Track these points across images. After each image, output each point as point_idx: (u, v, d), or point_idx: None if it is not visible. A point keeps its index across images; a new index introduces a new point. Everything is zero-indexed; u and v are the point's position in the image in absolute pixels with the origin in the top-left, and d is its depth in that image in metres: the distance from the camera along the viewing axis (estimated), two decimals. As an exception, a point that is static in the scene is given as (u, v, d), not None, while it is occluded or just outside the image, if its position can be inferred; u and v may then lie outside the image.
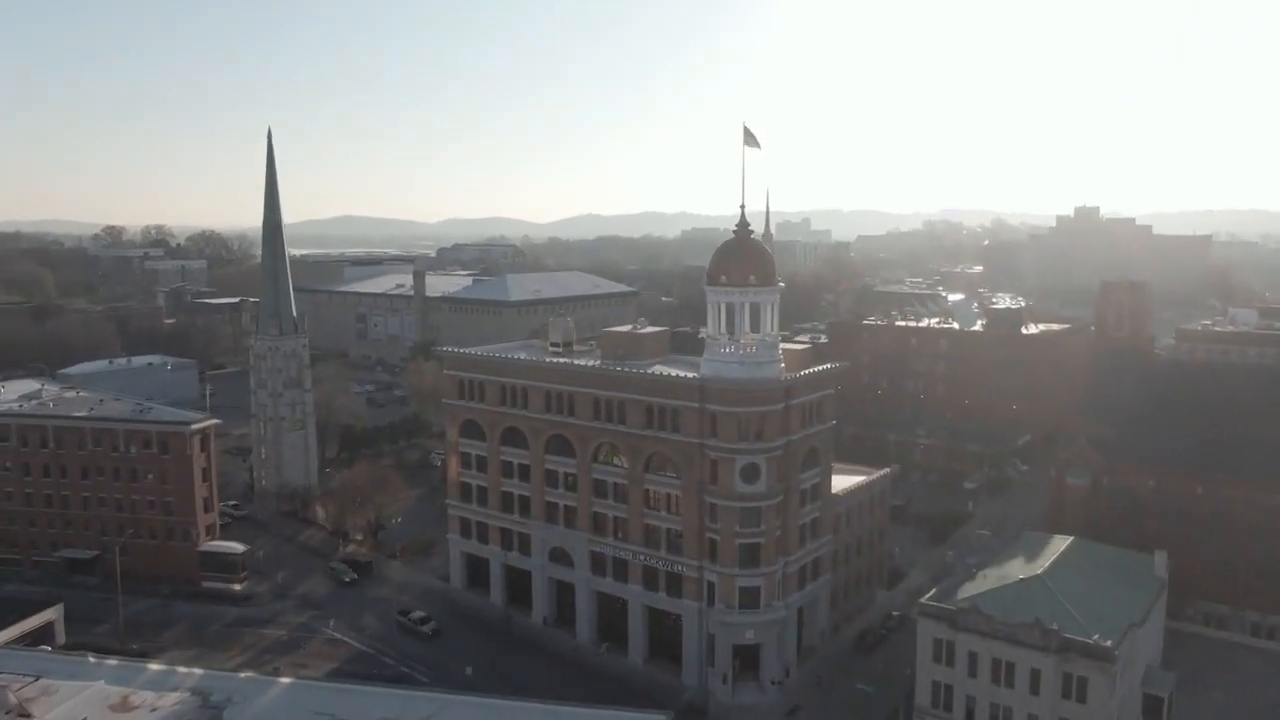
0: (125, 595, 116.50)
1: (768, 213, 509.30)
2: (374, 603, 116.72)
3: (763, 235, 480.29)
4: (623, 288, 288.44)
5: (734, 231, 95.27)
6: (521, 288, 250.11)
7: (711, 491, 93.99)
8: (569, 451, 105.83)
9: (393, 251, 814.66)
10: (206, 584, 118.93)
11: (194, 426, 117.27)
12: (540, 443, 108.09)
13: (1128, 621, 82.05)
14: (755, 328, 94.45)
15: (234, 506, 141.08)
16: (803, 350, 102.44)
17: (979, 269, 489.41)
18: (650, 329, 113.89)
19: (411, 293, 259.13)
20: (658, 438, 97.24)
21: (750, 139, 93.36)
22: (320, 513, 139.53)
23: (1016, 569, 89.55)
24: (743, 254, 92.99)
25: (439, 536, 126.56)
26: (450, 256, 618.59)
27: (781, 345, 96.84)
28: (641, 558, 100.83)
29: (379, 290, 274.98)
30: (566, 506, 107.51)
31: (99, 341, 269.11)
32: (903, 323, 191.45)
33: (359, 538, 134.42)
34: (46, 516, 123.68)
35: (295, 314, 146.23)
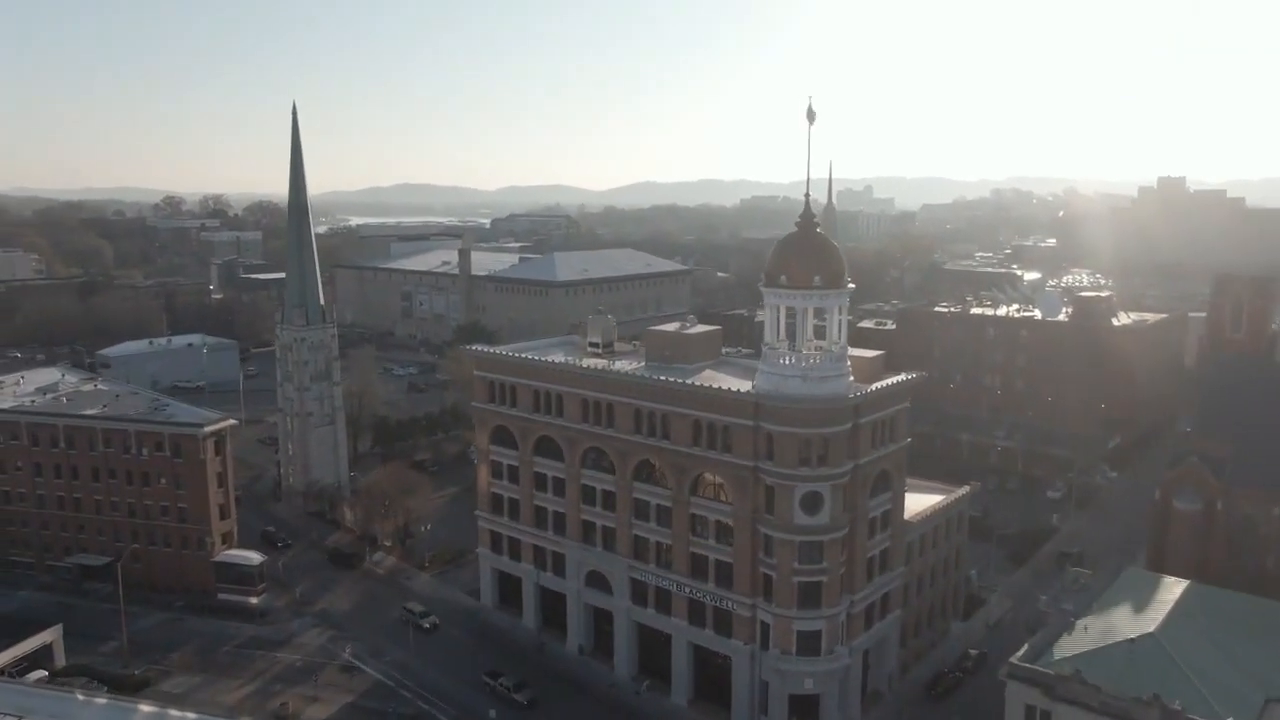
0: (138, 606, 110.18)
1: (830, 182, 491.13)
2: (401, 623, 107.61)
3: (824, 209, 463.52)
4: (676, 266, 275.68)
5: (796, 224, 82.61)
6: (569, 267, 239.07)
7: (767, 522, 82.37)
8: (607, 466, 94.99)
9: (447, 221, 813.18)
10: (222, 596, 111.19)
11: (208, 429, 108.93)
12: (576, 455, 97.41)
13: (1264, 695, 68.88)
14: (820, 335, 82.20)
15: (272, 534, 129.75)
16: (873, 358, 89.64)
17: (1052, 242, 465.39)
18: (700, 328, 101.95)
19: (457, 271, 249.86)
20: (706, 457, 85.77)
21: (813, 116, 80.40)
22: (348, 515, 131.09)
23: (1123, 622, 76.63)
24: (806, 250, 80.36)
25: (472, 544, 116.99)
26: (504, 227, 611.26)
27: (850, 351, 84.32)
28: (687, 590, 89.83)
29: (424, 268, 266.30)
30: (604, 527, 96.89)
31: (144, 318, 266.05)
32: (978, 309, 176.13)
33: (387, 543, 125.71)
34: (59, 519, 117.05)
35: (323, 302, 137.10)
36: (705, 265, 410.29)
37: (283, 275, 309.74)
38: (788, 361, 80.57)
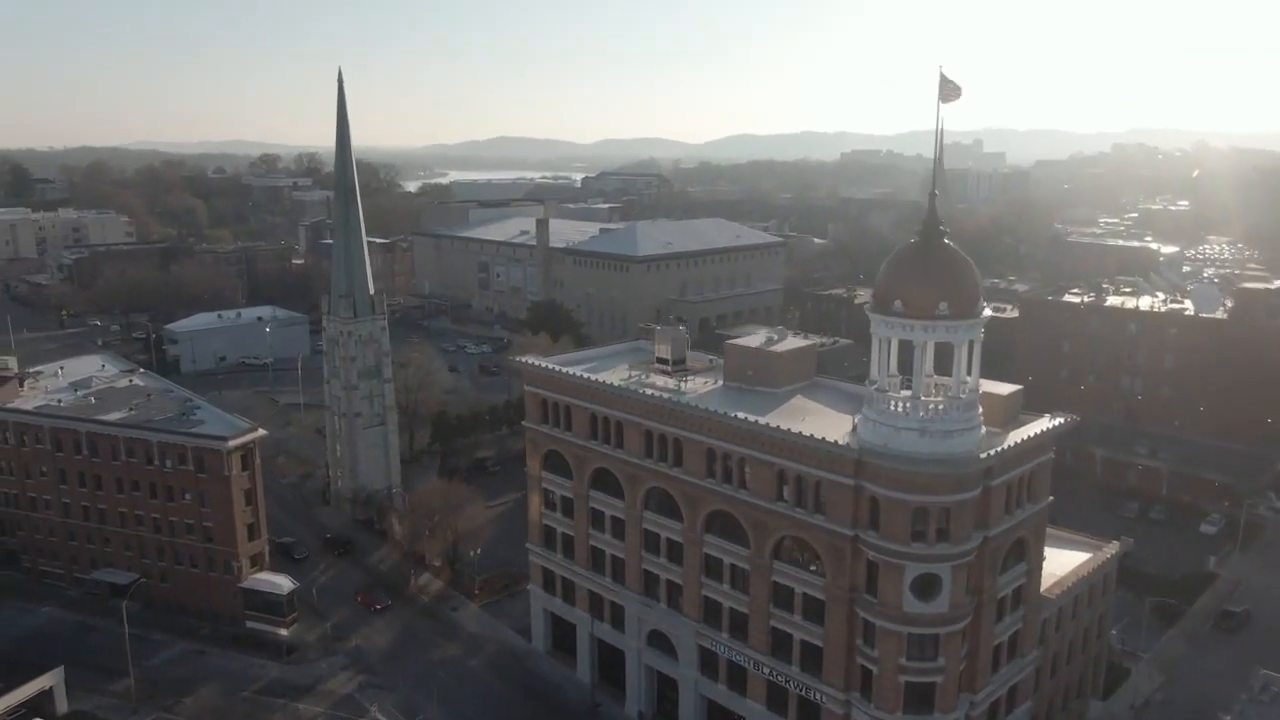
0: (161, 633, 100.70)
1: (939, 137, 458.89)
2: (441, 664, 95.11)
3: (933, 169, 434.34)
4: (768, 238, 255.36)
5: (917, 233, 64.45)
6: (652, 240, 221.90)
7: (868, 605, 65.78)
8: (674, 512, 79.47)
9: (540, 178, 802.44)
10: (251, 624, 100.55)
11: (232, 443, 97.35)
12: (637, 494, 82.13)
13: None
14: (940, 370, 64.57)
15: (289, 545, 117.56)
16: (1008, 395, 71.28)
17: (1184, 205, 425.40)
18: (791, 343, 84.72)
19: (535, 242, 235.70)
20: (792, 517, 69.33)
21: (948, 90, 61.67)
22: (396, 527, 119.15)
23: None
24: (930, 269, 62.29)
25: (529, 566, 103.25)
26: (594, 187, 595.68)
27: (983, 386, 66.19)
28: (765, 670, 74.15)
29: (502, 237, 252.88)
30: (669, 581, 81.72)
31: (222, 286, 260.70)
32: (1116, 298, 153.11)
33: (436, 563, 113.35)
34: (85, 531, 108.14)
35: (373, 291, 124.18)
36: (801, 229, 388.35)
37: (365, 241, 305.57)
38: (901, 408, 63.11)
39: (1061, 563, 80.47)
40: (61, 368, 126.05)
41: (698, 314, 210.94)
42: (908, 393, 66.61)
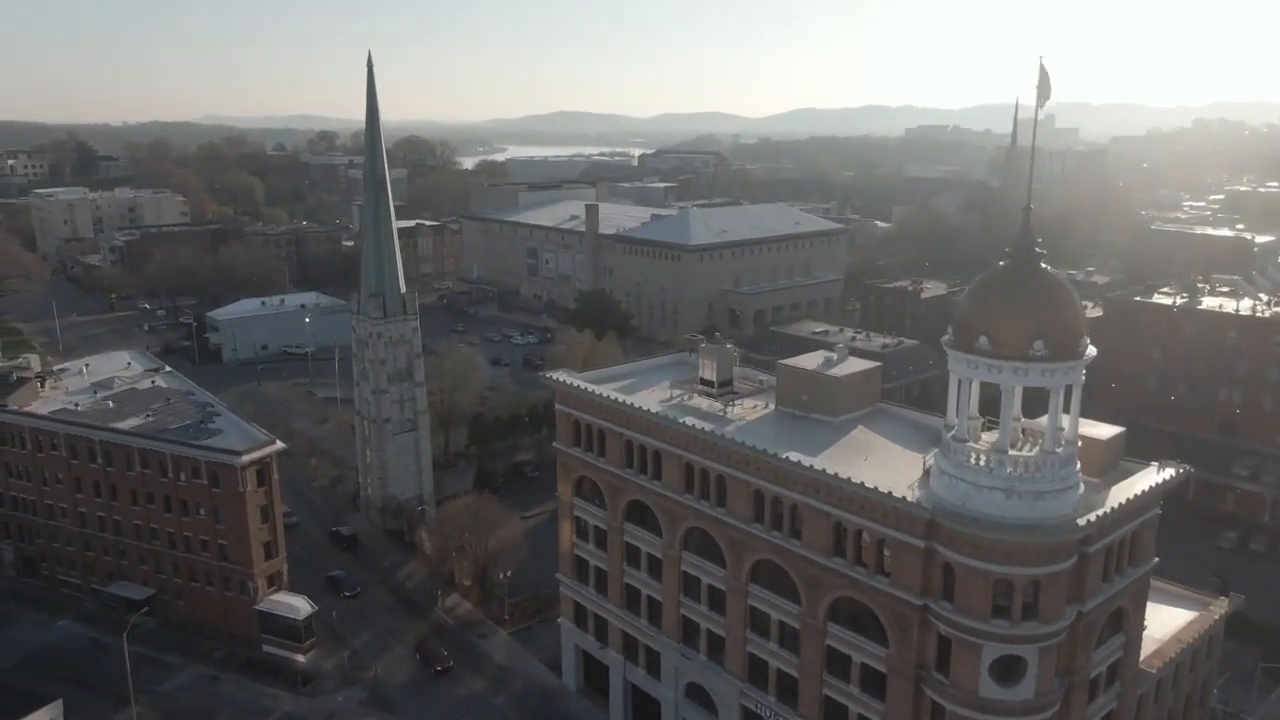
0: (175, 655, 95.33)
1: (1016, 114, 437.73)
2: (465, 701, 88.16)
3: (1007, 152, 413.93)
4: (829, 224, 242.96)
5: (1008, 253, 54.23)
6: (705, 227, 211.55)
7: (937, 685, 56.50)
8: (717, 556, 70.81)
9: (597, 155, 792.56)
10: (267, 649, 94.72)
11: (246, 458, 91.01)
12: (676, 533, 73.63)
13: None
14: (1033, 410, 54.70)
15: (339, 580, 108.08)
16: (1109, 439, 61.00)
17: (1274, 186, 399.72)
18: (852, 366, 74.94)
19: (584, 228, 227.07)
20: (851, 577, 60.19)
21: (1044, 87, 51.18)
22: (425, 540, 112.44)
23: None
24: (1023, 298, 52.09)
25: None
26: (651, 165, 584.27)
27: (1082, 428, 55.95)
28: (817, 742, 65.38)
29: (551, 222, 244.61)
30: (710, 632, 73.23)
31: (270, 270, 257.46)
32: (1211, 301, 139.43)
33: (466, 582, 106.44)
34: (101, 542, 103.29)
35: (403, 289, 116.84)
36: (863, 211, 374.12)
37: (413, 224, 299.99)
38: (983, 462, 53.38)
39: (1161, 622, 70.03)
40: (86, 365, 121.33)
41: (752, 306, 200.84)
42: (991, 435, 57.14)
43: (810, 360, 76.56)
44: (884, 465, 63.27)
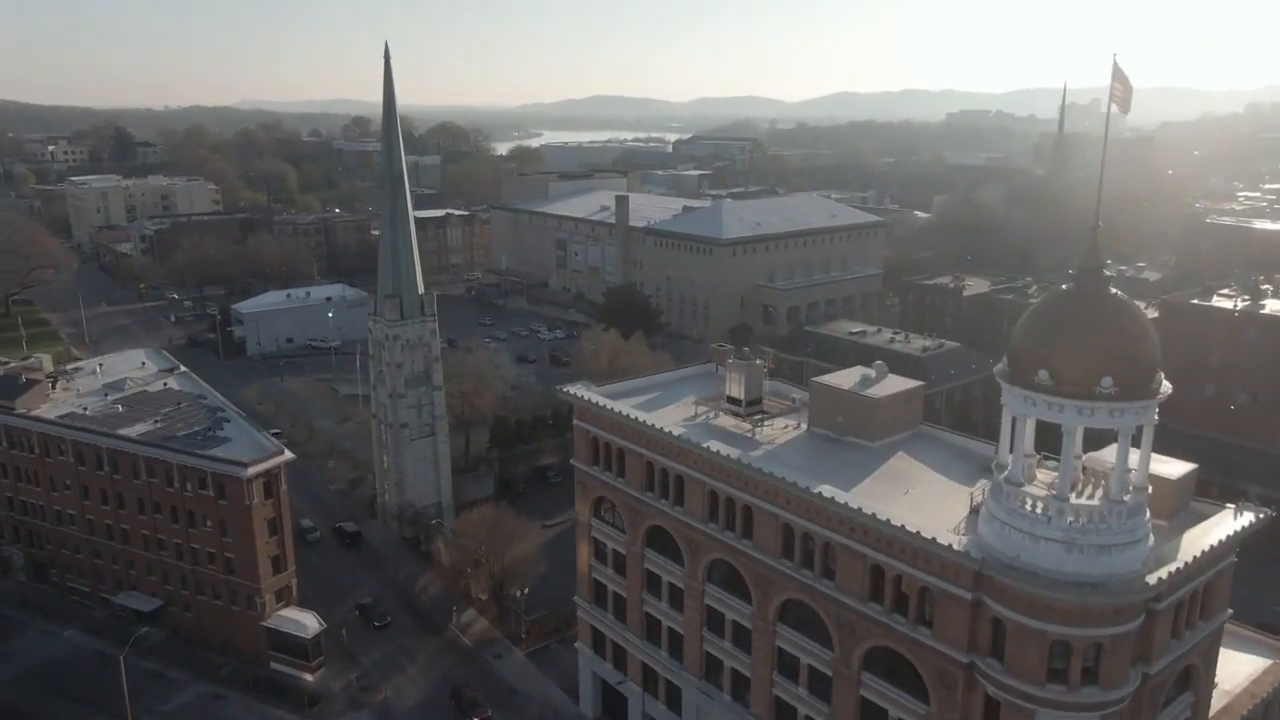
0: (182, 670, 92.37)
1: (1064, 100, 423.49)
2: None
3: (1055, 139, 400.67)
4: (867, 217, 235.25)
5: (1073, 276, 48.21)
6: (738, 220, 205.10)
7: (984, 751, 51.03)
8: (742, 591, 65.69)
9: (632, 140, 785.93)
10: (275, 666, 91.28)
11: (252, 470, 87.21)
12: (699, 564, 68.59)
13: None
14: (1093, 443, 48.94)
15: (369, 608, 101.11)
16: (1179, 479, 54.92)
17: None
18: (892, 385, 69.22)
19: (614, 219, 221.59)
20: (889, 626, 54.79)
21: (1121, 89, 45.00)
22: (443, 551, 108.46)
23: None
24: (1090, 330, 46.02)
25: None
26: (685, 151, 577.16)
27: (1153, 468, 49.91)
28: (850, 800, 60.17)
29: (581, 213, 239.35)
30: (735, 671, 68.18)
31: (298, 260, 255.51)
32: (1275, 303, 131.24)
33: (483, 597, 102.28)
34: (109, 550, 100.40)
35: (422, 290, 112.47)
36: (903, 201, 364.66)
37: (443, 214, 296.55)
38: (1040, 510, 47.66)
39: (1231, 671, 63.60)
40: (100, 364, 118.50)
41: (786, 302, 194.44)
42: (1047, 472, 51.50)
43: (846, 378, 70.94)
44: (926, 500, 57.89)
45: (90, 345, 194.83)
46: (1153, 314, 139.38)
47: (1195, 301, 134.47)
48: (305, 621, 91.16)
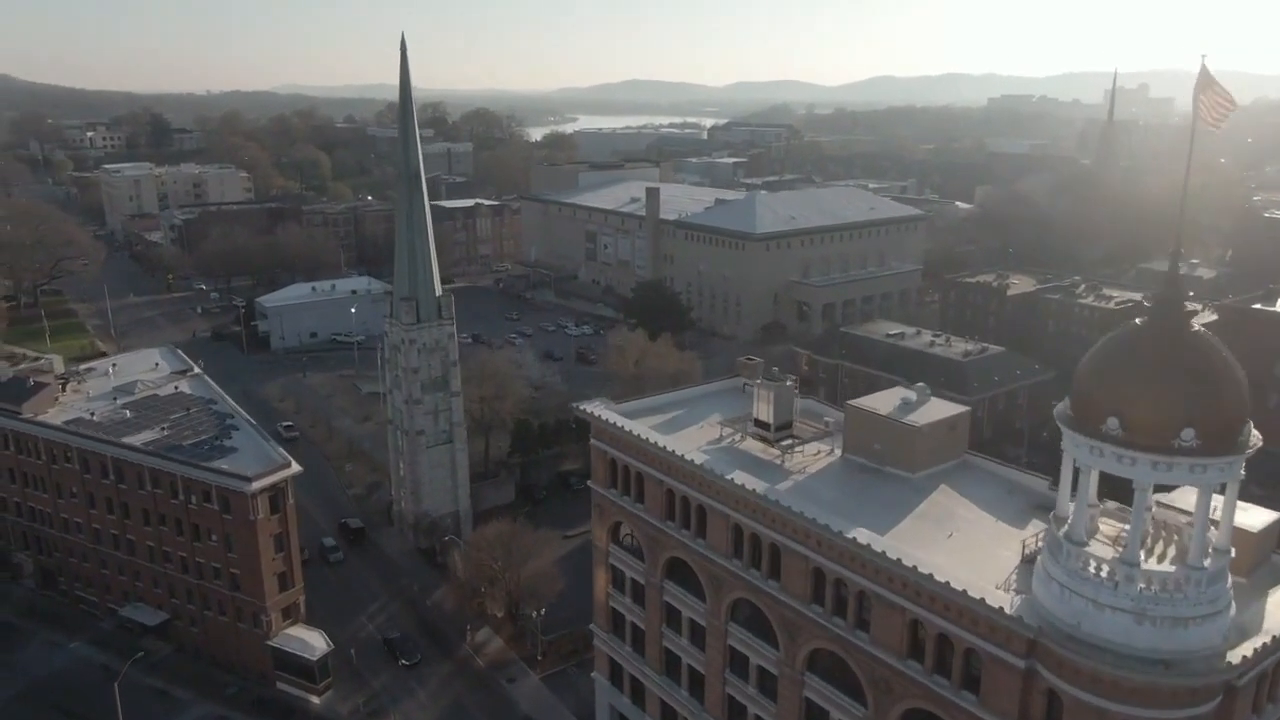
0: (187, 688, 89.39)
1: (1114, 85, 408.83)
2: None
3: (1103, 126, 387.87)
4: (907, 210, 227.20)
5: (1145, 304, 42.47)
6: (772, 213, 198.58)
7: (1035, 836, 45.54)
8: (768, 634, 60.55)
9: (667, 127, 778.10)
10: (281, 686, 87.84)
11: (256, 485, 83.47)
12: (722, 601, 63.51)
13: None
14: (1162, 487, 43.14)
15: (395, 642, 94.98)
16: (1262, 531, 48.87)
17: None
18: (936, 411, 63.35)
19: (644, 212, 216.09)
20: (929, 688, 49.42)
21: (1217, 103, 38.86)
22: (459, 564, 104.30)
23: None
24: (1169, 374, 40.03)
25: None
26: (721, 139, 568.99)
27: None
28: None
29: (611, 205, 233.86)
30: (759, 719, 63.14)
31: (326, 250, 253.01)
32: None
33: (498, 614, 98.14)
34: (115, 561, 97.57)
35: (439, 292, 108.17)
36: (943, 191, 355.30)
37: (472, 204, 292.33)
38: (1105, 573, 41.96)
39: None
40: (114, 365, 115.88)
41: (821, 299, 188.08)
42: (1113, 527, 45.72)
43: (885, 401, 65.27)
44: (972, 544, 52.45)
45: (116, 338, 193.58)
46: (1210, 318, 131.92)
47: (1258, 306, 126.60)
48: (312, 641, 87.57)
